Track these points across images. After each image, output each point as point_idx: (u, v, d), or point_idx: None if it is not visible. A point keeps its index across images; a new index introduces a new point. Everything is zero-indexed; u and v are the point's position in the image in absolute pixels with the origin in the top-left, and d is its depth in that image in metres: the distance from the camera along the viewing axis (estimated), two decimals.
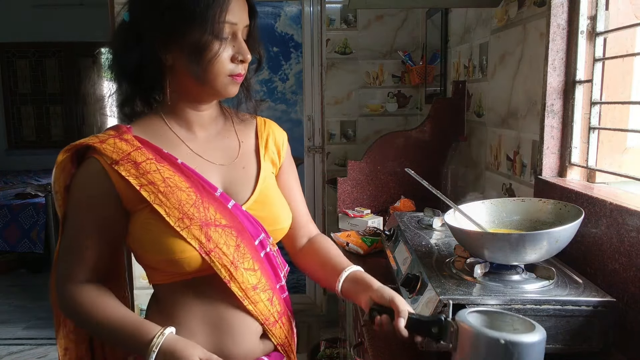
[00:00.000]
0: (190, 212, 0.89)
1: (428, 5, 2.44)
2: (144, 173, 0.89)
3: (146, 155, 0.91)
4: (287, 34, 3.17)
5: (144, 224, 0.90)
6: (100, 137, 0.92)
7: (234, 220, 0.93)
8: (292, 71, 3.23)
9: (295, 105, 3.28)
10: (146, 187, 0.88)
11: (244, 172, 1.00)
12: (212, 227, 0.90)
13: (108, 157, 0.89)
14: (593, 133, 1.33)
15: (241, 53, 0.91)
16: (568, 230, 0.98)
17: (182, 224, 0.88)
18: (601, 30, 1.29)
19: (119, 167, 0.88)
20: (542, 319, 0.94)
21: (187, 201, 0.89)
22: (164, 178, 0.90)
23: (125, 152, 0.90)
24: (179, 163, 0.93)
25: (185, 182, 0.91)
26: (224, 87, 0.93)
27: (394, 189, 2.23)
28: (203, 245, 0.88)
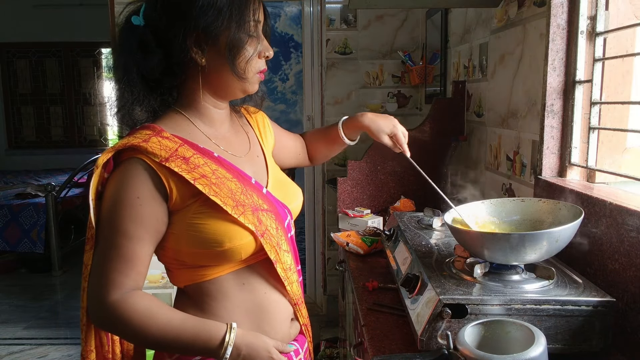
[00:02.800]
0: (241, 200, 0.92)
1: (428, 5, 2.44)
2: (195, 167, 0.90)
3: (191, 150, 0.92)
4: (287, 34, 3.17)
5: (195, 218, 0.89)
6: (141, 137, 0.89)
7: (271, 204, 0.98)
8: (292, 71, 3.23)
9: (295, 105, 3.28)
10: (200, 181, 0.89)
11: (259, 161, 1.07)
12: (259, 211, 0.94)
13: (156, 155, 0.87)
14: (593, 133, 1.33)
15: (266, 50, 0.97)
16: (568, 230, 0.98)
17: (238, 210, 0.90)
18: (601, 30, 1.30)
19: (170, 163, 0.88)
20: (542, 319, 0.94)
21: (236, 190, 0.93)
22: (212, 170, 0.92)
23: (172, 149, 0.90)
24: (217, 157, 0.96)
25: (228, 173, 0.94)
26: (252, 83, 0.98)
27: (394, 189, 2.23)
28: (258, 228, 0.92)
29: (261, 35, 0.97)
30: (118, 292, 0.86)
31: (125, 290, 0.87)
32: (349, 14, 3.01)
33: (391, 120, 1.22)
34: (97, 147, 6.38)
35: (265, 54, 0.97)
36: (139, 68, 0.92)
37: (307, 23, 3.06)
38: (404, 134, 1.22)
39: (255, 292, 0.97)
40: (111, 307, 0.85)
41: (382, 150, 2.22)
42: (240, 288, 0.96)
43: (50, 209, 4.20)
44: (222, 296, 0.95)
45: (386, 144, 1.22)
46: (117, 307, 0.85)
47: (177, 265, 0.95)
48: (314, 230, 3.26)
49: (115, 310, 0.85)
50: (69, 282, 4.13)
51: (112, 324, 0.88)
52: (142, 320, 0.85)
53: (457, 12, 2.32)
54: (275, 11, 3.16)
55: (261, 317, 0.97)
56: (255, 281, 0.97)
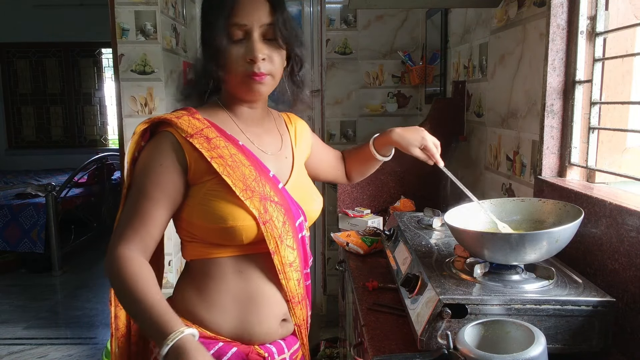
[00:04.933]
0: (252, 186, 0.98)
1: (428, 6, 2.44)
2: (215, 147, 0.98)
3: (215, 133, 1.00)
4: None
5: (208, 194, 0.97)
6: (175, 115, 1.00)
7: (284, 199, 1.02)
8: None
9: None
10: (216, 160, 0.96)
11: (286, 161, 1.12)
12: (268, 201, 0.98)
13: (184, 131, 0.97)
14: (593, 133, 1.33)
15: (249, 53, 0.97)
16: (568, 230, 0.98)
17: (246, 194, 0.96)
18: (601, 30, 1.30)
19: (193, 139, 0.96)
20: (542, 318, 0.94)
21: (249, 176, 0.98)
22: (230, 154, 0.99)
23: (198, 128, 0.98)
24: (240, 144, 1.02)
25: (246, 160, 1.00)
26: (246, 88, 1.01)
27: (394, 189, 2.23)
28: (261, 215, 0.96)
29: (252, 38, 0.97)
30: (125, 246, 0.94)
31: (132, 246, 0.94)
32: (349, 14, 3.01)
33: (420, 132, 1.24)
34: (97, 147, 6.38)
35: (247, 57, 0.97)
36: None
37: (307, 23, 3.06)
38: (435, 144, 1.24)
39: (251, 282, 1.01)
40: (114, 258, 0.93)
41: None
42: (236, 275, 1.00)
43: (50, 209, 4.20)
44: (218, 278, 1.00)
45: (418, 157, 1.24)
46: (117, 261, 0.92)
47: (189, 238, 1.02)
48: (314, 230, 3.25)
49: (115, 262, 0.92)
50: (69, 282, 4.13)
51: (109, 272, 0.94)
52: (126, 282, 0.90)
53: (457, 12, 2.32)
54: None
55: (250, 307, 1.01)
56: (253, 271, 1.01)
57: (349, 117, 3.10)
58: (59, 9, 6.06)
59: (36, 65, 6.40)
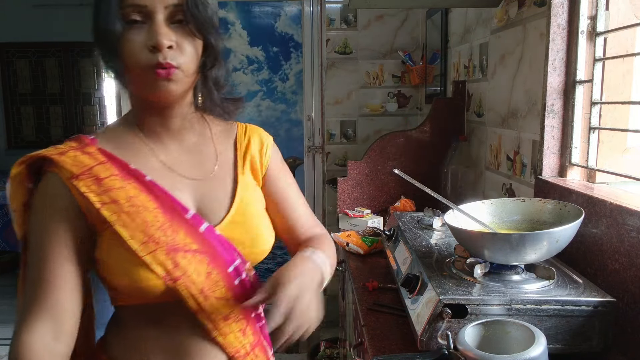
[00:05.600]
0: (156, 236, 0.79)
1: (428, 5, 2.44)
2: (107, 190, 0.79)
3: (110, 170, 0.80)
4: (287, 34, 3.17)
5: (108, 244, 0.80)
6: (60, 149, 0.81)
7: (206, 245, 0.82)
8: (292, 71, 3.23)
9: (295, 105, 3.28)
10: (108, 206, 0.78)
11: (221, 188, 0.89)
12: (180, 252, 0.80)
13: (67, 171, 0.79)
14: (593, 133, 1.33)
15: (150, 37, 0.75)
16: (568, 231, 0.98)
17: (147, 248, 0.78)
18: (601, 30, 1.29)
19: (78, 181, 0.78)
20: (542, 319, 0.94)
21: (153, 223, 0.79)
22: (128, 197, 0.79)
23: (86, 166, 0.79)
24: (147, 180, 0.82)
25: (152, 201, 0.81)
26: (149, 86, 0.78)
27: (394, 189, 2.23)
28: (169, 273, 0.78)
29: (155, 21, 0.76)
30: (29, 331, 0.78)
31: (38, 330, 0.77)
32: (349, 14, 3.01)
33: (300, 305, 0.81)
34: None
35: (148, 43, 0.75)
36: None
37: (307, 23, 3.06)
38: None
39: (181, 333, 0.84)
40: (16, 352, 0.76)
41: (382, 150, 2.22)
42: (162, 323, 0.84)
43: None
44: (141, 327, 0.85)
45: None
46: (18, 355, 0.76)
47: (106, 286, 0.85)
48: None
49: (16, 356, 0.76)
50: None
51: None
52: None
53: (457, 12, 2.32)
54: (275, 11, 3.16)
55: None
56: (181, 321, 0.83)
57: (349, 117, 3.09)
58: (59, 9, 6.06)
59: (36, 65, 6.40)
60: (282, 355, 2.85)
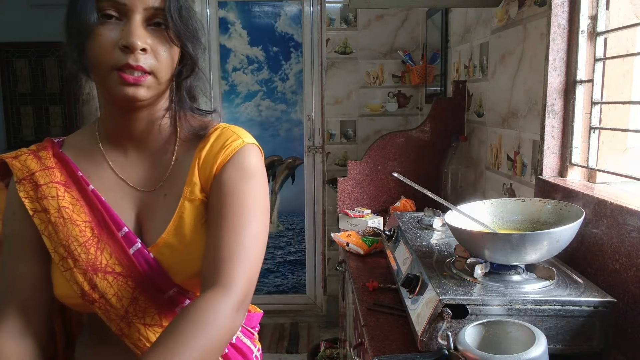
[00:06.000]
0: (76, 253, 0.75)
1: (428, 5, 2.44)
2: (41, 197, 0.77)
3: (52, 177, 0.78)
4: (287, 34, 3.17)
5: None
6: (18, 152, 0.82)
7: (133, 268, 0.77)
8: (292, 71, 3.23)
9: (295, 105, 3.28)
10: (39, 214, 0.77)
11: (164, 201, 0.81)
12: (99, 273, 0.75)
13: (15, 175, 0.79)
14: (594, 133, 1.33)
15: (124, 36, 0.70)
16: (569, 231, 0.98)
17: (66, 264, 0.75)
18: (602, 30, 1.29)
19: (19, 186, 0.78)
20: (543, 319, 0.94)
21: (77, 238, 0.76)
22: (59, 207, 0.77)
23: (30, 170, 0.79)
24: (89, 189, 0.79)
25: (86, 214, 0.78)
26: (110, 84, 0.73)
27: (394, 189, 2.23)
28: (85, 294, 0.75)
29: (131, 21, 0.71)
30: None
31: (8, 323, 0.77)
32: (349, 14, 3.01)
33: None
34: None
35: (121, 42, 0.70)
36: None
37: (307, 23, 3.06)
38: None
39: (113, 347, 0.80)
40: None
41: (382, 150, 2.22)
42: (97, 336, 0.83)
43: None
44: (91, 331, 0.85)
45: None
46: None
47: None
48: (314, 230, 3.25)
49: None
50: None
51: None
52: None
53: (458, 11, 2.32)
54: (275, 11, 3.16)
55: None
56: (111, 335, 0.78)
57: (349, 117, 3.09)
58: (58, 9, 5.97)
59: (35, 65, 6.39)
60: (282, 355, 2.85)
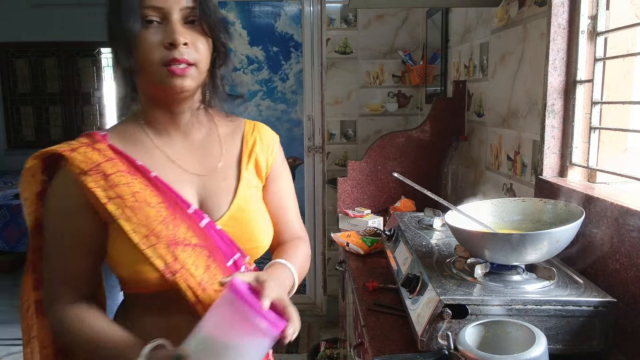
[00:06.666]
0: (158, 230, 0.83)
1: (428, 5, 2.44)
2: (113, 186, 0.84)
3: (117, 166, 0.86)
4: (287, 34, 3.17)
5: (113, 238, 0.86)
6: (72, 145, 0.87)
7: (207, 239, 0.87)
8: (292, 71, 3.23)
9: (295, 105, 3.28)
10: (114, 201, 0.83)
11: (224, 185, 0.93)
12: (180, 246, 0.84)
13: (76, 167, 0.84)
14: (594, 133, 1.33)
15: (168, 35, 0.82)
16: (569, 231, 0.98)
17: (148, 241, 0.83)
18: (602, 30, 1.29)
19: (86, 177, 0.83)
20: (543, 319, 0.94)
21: (155, 218, 0.84)
22: (132, 192, 0.84)
23: (94, 162, 0.85)
24: (152, 177, 0.87)
25: (156, 197, 0.86)
26: (160, 79, 0.83)
27: (394, 189, 2.23)
28: (169, 266, 0.83)
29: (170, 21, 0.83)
30: (59, 305, 0.87)
31: (65, 300, 0.87)
32: (349, 14, 3.01)
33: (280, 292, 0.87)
34: None
35: (165, 41, 0.82)
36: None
37: (307, 23, 3.06)
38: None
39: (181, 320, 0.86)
40: (54, 321, 0.88)
41: (382, 150, 2.22)
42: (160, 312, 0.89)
43: None
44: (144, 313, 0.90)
45: None
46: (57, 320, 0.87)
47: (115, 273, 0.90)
48: (314, 230, 3.25)
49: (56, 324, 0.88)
50: None
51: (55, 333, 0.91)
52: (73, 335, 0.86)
53: (458, 11, 2.32)
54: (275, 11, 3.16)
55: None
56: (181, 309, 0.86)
57: (349, 117, 3.09)
58: (58, 9, 6.05)
59: (35, 65, 6.39)
60: (282, 355, 2.85)
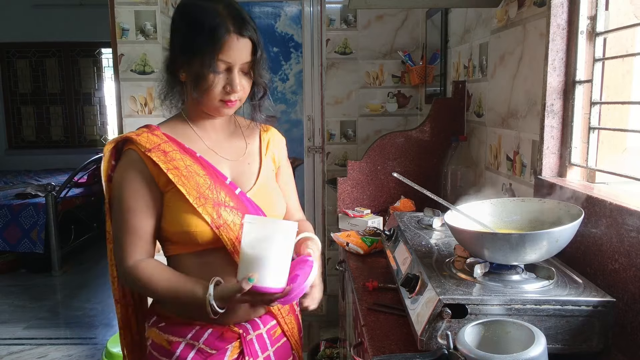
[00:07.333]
0: (205, 193, 1.09)
1: (428, 5, 2.44)
2: (171, 160, 1.09)
3: (172, 147, 1.12)
4: (287, 34, 3.17)
5: (170, 201, 1.10)
6: (136, 132, 1.13)
7: (240, 204, 1.13)
8: (292, 71, 3.23)
9: (295, 105, 3.28)
10: (172, 171, 1.08)
11: (249, 167, 1.21)
12: (222, 207, 1.10)
13: (143, 146, 1.09)
14: (593, 133, 1.33)
15: (230, 85, 1.08)
16: (568, 230, 0.98)
17: (199, 201, 1.08)
18: (601, 30, 1.29)
19: (151, 153, 1.08)
20: (542, 318, 0.94)
21: (203, 184, 1.09)
22: (185, 165, 1.10)
23: (156, 143, 1.11)
24: (197, 156, 1.13)
25: (202, 169, 1.11)
26: (216, 109, 1.12)
27: (394, 189, 2.23)
28: (214, 221, 1.08)
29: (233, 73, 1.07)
30: (131, 260, 1.09)
31: (136, 258, 1.09)
32: (349, 14, 3.01)
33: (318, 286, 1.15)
34: (97, 147, 6.38)
35: (227, 89, 1.08)
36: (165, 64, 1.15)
37: (307, 23, 3.06)
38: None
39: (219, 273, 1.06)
40: (127, 272, 1.09)
41: (382, 150, 2.22)
42: (200, 268, 1.11)
43: (50, 209, 4.20)
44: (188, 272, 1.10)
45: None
46: (131, 273, 1.09)
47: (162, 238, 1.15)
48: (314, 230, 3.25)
49: (130, 275, 1.09)
50: (69, 282, 4.13)
51: (130, 283, 1.13)
52: (149, 282, 1.07)
53: (457, 12, 2.32)
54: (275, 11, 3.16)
55: None
56: (216, 263, 1.11)
57: (349, 117, 3.09)
58: (59, 9, 6.06)
59: (36, 65, 6.40)
60: None
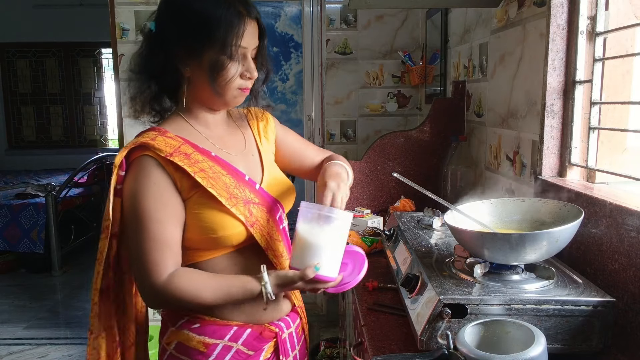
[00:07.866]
0: (235, 193, 1.03)
1: (428, 5, 2.44)
2: (195, 162, 1.02)
3: (191, 149, 1.04)
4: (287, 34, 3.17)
5: (195, 207, 1.01)
6: (149, 137, 1.02)
7: (263, 198, 1.09)
8: (292, 71, 3.23)
9: (295, 105, 3.28)
10: (199, 174, 1.01)
11: (253, 159, 1.16)
12: (251, 204, 1.05)
13: (162, 151, 0.99)
14: (593, 133, 1.33)
15: (249, 71, 1.05)
16: (568, 230, 0.98)
17: (231, 202, 1.02)
18: (601, 30, 1.30)
19: (174, 158, 1.00)
20: (542, 318, 0.94)
21: (230, 184, 1.04)
22: (210, 166, 1.04)
23: (175, 146, 1.02)
24: (213, 155, 1.07)
25: (223, 169, 1.05)
26: (233, 98, 1.07)
27: (394, 189, 2.23)
28: (248, 219, 1.03)
29: (248, 58, 1.04)
30: (163, 274, 0.98)
31: (168, 271, 0.98)
32: (349, 14, 3.01)
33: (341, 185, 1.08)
34: (97, 147, 6.39)
35: (247, 75, 1.05)
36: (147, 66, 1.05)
37: (307, 23, 3.06)
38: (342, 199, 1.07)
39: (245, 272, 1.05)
40: (162, 290, 0.98)
41: (382, 150, 2.22)
42: (232, 269, 1.06)
43: (50, 209, 4.19)
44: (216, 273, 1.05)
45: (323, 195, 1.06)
46: (167, 289, 0.97)
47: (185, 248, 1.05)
48: None
49: (167, 291, 0.98)
50: (69, 282, 4.13)
51: (168, 302, 1.02)
52: (196, 293, 0.98)
53: (457, 12, 2.32)
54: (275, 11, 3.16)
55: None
56: (247, 263, 1.07)
57: (349, 117, 3.09)
58: (59, 9, 6.06)
59: (36, 65, 6.40)
60: None
